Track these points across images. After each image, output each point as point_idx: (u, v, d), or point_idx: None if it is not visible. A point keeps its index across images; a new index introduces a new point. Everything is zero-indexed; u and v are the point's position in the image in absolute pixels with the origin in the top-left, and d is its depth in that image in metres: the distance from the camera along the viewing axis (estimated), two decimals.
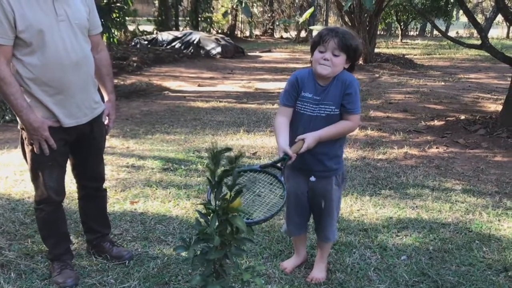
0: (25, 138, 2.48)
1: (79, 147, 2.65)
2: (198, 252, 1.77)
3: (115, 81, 10.03)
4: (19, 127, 2.50)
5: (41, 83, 2.37)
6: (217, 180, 1.64)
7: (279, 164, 2.29)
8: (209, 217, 1.67)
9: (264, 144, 5.65)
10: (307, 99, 2.45)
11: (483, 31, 6.84)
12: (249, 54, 18.23)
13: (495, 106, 8.12)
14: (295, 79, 2.50)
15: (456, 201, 3.98)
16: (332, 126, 2.43)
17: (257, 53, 18.91)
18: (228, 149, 1.64)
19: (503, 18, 7.08)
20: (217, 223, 1.65)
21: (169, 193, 4.01)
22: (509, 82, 6.41)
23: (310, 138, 2.37)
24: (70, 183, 3.36)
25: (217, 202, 1.66)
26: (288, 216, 2.76)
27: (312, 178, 2.56)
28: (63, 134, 2.51)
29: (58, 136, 2.48)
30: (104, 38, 10.10)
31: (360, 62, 14.32)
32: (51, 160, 2.50)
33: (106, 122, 2.77)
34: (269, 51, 20.08)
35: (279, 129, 2.46)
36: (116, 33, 14.11)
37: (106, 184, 2.96)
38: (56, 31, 2.36)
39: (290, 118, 2.50)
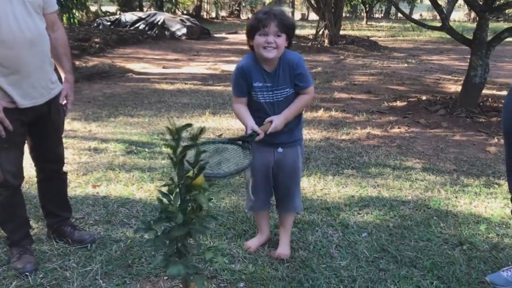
0: None
1: (37, 128, 2.57)
2: (160, 233, 1.76)
3: (77, 63, 9.81)
4: None
5: None
6: (179, 157, 1.63)
7: (248, 139, 2.37)
8: (171, 196, 1.66)
9: (230, 126, 5.64)
10: (259, 88, 2.49)
11: (443, 13, 6.98)
12: (215, 35, 18.05)
13: (455, 87, 8.34)
14: (241, 71, 2.50)
15: (416, 179, 4.09)
16: (294, 104, 2.52)
17: (223, 35, 18.75)
18: (189, 125, 1.63)
19: (463, 1, 7.24)
20: (179, 201, 1.64)
21: (133, 176, 3.96)
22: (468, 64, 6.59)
23: (277, 120, 2.46)
24: (30, 168, 3.27)
25: (180, 179, 1.66)
26: (254, 191, 2.74)
27: (280, 149, 2.62)
28: (20, 115, 2.43)
29: (14, 117, 2.40)
30: (64, 18, 9.77)
31: (326, 44, 14.40)
32: (8, 142, 2.42)
33: (63, 103, 2.70)
34: (236, 32, 19.93)
35: (242, 113, 2.52)
36: (77, 13, 13.68)
37: (67, 168, 2.91)
38: (9, 9, 2.27)
39: (247, 104, 2.56)
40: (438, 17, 27.77)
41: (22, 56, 2.33)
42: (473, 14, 31.50)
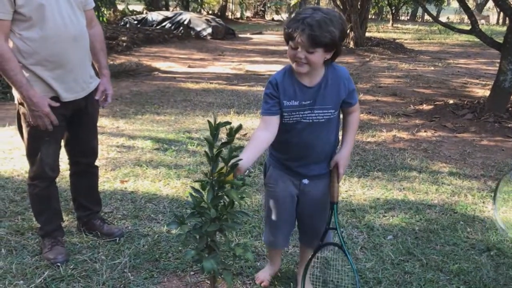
0: (23, 114, 2.48)
1: (74, 122, 2.65)
2: (191, 228, 1.80)
3: None
4: (16, 101, 2.50)
5: (40, 58, 2.36)
6: (215, 153, 1.66)
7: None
8: (203, 192, 1.70)
9: (254, 126, 5.66)
10: (295, 108, 2.05)
11: (473, 16, 6.87)
12: (239, 35, 18.13)
13: (483, 92, 8.20)
14: (273, 88, 2.06)
15: (442, 183, 4.05)
16: (352, 129, 2.21)
17: (248, 35, 18.81)
18: (228, 122, 1.66)
19: (493, 3, 7.11)
20: (212, 196, 1.67)
21: (159, 172, 4.03)
22: (497, 68, 6.48)
23: (343, 160, 2.16)
24: (60, 161, 3.37)
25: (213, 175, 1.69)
26: (277, 227, 2.35)
27: (305, 181, 2.22)
28: (62, 109, 2.51)
29: (57, 111, 2.48)
30: None
31: (351, 45, 14.32)
32: (49, 136, 2.51)
33: (102, 98, 2.76)
34: (260, 33, 19.98)
35: (251, 141, 2.07)
36: (105, 12, 13.93)
37: (96, 163, 2.96)
38: (55, 5, 2.36)
39: (275, 129, 2.08)
40: (465, 20, 27.31)
41: (67, 51, 2.41)
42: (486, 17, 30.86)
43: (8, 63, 2.27)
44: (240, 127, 1.69)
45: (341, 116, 2.24)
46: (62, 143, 2.71)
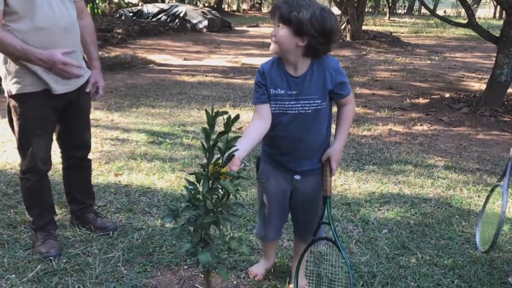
0: (13, 107, 2.45)
1: (66, 114, 2.62)
2: (185, 222, 1.78)
3: (99, 53, 9.84)
4: (6, 94, 2.46)
5: None
6: (211, 143, 1.64)
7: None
8: (198, 185, 1.68)
9: (250, 119, 5.62)
10: (280, 96, 2.04)
11: (470, 9, 6.85)
12: (236, 28, 18.03)
13: (479, 85, 8.20)
14: (261, 76, 2.07)
15: (438, 177, 4.04)
16: (345, 122, 2.16)
17: (244, 28, 18.71)
18: (225, 112, 1.63)
19: None
20: (207, 188, 1.65)
21: (154, 166, 4.00)
22: (494, 62, 6.47)
23: (336, 155, 2.14)
24: (53, 155, 3.33)
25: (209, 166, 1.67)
26: (268, 221, 2.37)
27: (297, 177, 2.20)
28: (54, 102, 2.48)
29: (48, 104, 2.45)
30: (88, 8, 9.87)
31: (348, 39, 14.27)
32: (40, 129, 2.48)
33: (94, 90, 2.73)
34: (257, 26, 19.88)
35: (246, 132, 2.04)
36: (100, 4, 13.82)
37: (90, 156, 2.93)
38: None
39: (269, 117, 2.07)
40: (462, 14, 27.30)
41: (57, 42, 2.37)
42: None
43: (4, 39, 2.21)
44: (237, 117, 1.66)
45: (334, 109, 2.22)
46: (54, 136, 2.68)
